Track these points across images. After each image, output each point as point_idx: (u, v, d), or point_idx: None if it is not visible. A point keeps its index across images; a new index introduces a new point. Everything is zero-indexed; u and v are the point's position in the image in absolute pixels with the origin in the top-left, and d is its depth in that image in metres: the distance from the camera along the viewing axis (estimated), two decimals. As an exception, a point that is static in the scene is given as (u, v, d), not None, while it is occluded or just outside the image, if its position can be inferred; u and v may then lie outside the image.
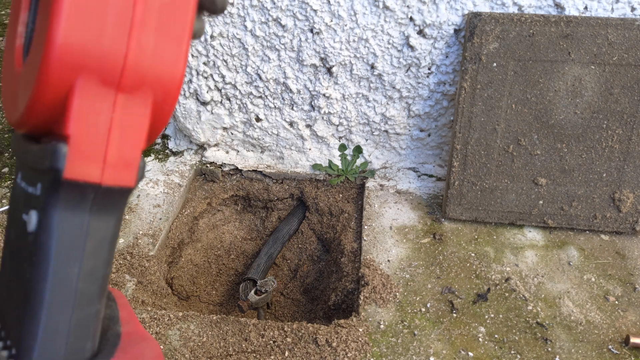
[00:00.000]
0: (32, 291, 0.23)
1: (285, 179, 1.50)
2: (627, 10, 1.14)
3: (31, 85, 0.21)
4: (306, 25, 1.24)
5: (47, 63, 0.20)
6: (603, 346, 1.01)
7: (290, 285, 1.43)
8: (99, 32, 0.20)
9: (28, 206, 0.24)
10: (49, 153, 0.22)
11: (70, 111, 0.21)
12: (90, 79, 0.21)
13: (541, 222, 1.26)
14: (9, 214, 0.25)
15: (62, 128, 0.22)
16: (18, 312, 0.23)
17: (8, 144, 1.64)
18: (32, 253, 0.23)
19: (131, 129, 0.23)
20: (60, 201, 0.23)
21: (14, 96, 0.23)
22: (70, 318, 0.24)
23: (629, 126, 1.17)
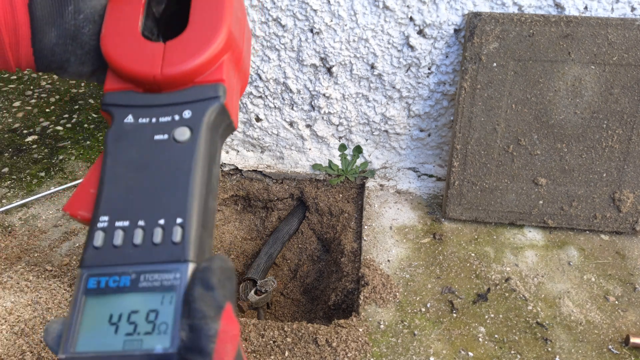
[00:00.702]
0: (193, 178, 0.33)
1: (285, 179, 1.50)
2: (627, 10, 1.14)
3: (203, 50, 0.35)
4: (306, 25, 1.24)
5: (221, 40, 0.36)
6: (603, 346, 1.01)
7: (290, 285, 1.43)
8: (238, 37, 0.38)
9: (165, 128, 0.34)
10: (213, 88, 0.35)
11: (223, 68, 0.36)
12: (230, 56, 0.37)
13: (541, 222, 1.26)
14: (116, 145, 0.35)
15: (219, 76, 0.35)
16: (174, 197, 0.32)
17: (8, 144, 1.64)
18: (187, 154, 0.33)
19: (236, 91, 0.38)
20: (210, 121, 0.35)
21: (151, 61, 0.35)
22: (211, 202, 0.34)
23: (629, 126, 1.17)
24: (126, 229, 0.32)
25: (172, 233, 0.31)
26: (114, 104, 0.36)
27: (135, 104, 0.36)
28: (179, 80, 0.35)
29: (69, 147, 1.63)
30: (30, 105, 1.89)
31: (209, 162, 0.34)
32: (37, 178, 1.48)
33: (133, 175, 0.34)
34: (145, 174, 0.33)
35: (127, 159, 0.34)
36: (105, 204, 0.33)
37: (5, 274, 1.13)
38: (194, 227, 0.31)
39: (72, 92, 2.00)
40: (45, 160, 1.56)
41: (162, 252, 0.31)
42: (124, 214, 0.32)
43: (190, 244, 0.31)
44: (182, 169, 0.33)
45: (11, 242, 1.24)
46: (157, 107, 0.35)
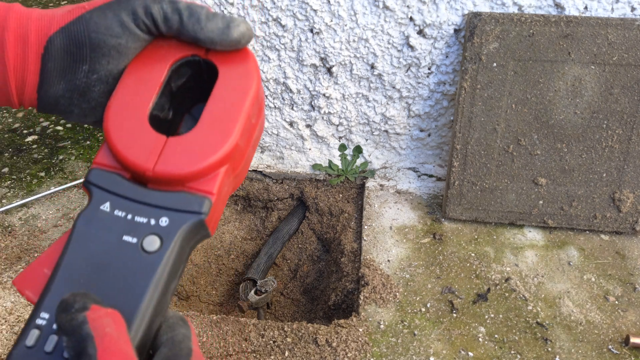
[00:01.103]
0: (147, 293, 0.31)
1: (285, 179, 1.50)
2: (627, 10, 1.14)
3: (199, 160, 0.33)
4: (306, 25, 1.24)
5: (224, 152, 0.34)
6: (603, 346, 1.01)
7: (290, 285, 1.43)
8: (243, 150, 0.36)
9: (137, 231, 0.32)
10: (199, 201, 0.33)
11: (217, 180, 0.34)
12: (229, 166, 0.35)
13: (541, 222, 1.26)
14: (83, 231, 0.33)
15: (210, 188, 0.33)
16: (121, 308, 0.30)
17: (8, 144, 1.64)
18: (150, 267, 0.31)
19: (225, 201, 0.36)
20: (186, 234, 0.32)
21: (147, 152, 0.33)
22: (158, 320, 0.32)
23: (629, 126, 1.17)
24: None
25: None
26: (96, 184, 0.34)
27: (117, 192, 0.34)
28: (169, 181, 0.33)
29: (69, 147, 1.63)
30: (30, 105, 1.89)
31: (169, 279, 0.32)
32: (37, 178, 1.48)
33: (89, 273, 0.31)
34: (101, 275, 0.31)
35: (89, 253, 0.32)
36: (50, 299, 0.30)
37: (5, 274, 1.13)
38: (137, 344, 0.30)
39: (72, 92, 2.00)
40: (45, 160, 1.56)
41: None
42: None
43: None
44: (138, 284, 0.31)
45: (11, 242, 1.24)
46: (137, 204, 0.33)
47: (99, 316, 0.26)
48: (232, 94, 0.35)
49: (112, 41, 0.35)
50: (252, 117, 0.36)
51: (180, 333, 0.32)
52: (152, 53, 0.37)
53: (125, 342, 0.26)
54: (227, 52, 0.36)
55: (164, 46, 0.37)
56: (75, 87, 0.36)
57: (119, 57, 0.35)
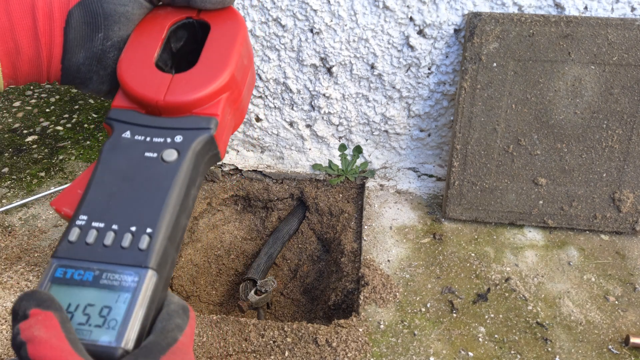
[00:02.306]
0: (170, 195, 0.36)
1: (285, 179, 1.50)
2: (627, 10, 1.14)
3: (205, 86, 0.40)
4: (306, 25, 1.24)
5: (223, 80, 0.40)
6: (603, 346, 1.01)
7: (290, 285, 1.43)
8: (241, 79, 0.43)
9: (156, 148, 0.38)
10: (206, 120, 0.40)
11: (220, 104, 0.40)
12: (229, 95, 0.41)
13: (541, 222, 1.26)
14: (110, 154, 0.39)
15: (214, 111, 0.40)
16: (149, 209, 0.36)
17: (8, 144, 1.64)
18: (171, 173, 0.37)
19: (229, 127, 0.43)
20: (198, 148, 0.39)
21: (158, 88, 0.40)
22: (183, 219, 0.38)
23: (629, 126, 1.17)
24: (100, 230, 0.35)
25: (139, 240, 0.34)
26: (116, 119, 0.40)
27: (135, 122, 0.40)
28: (178, 108, 0.39)
29: (69, 147, 1.63)
30: (30, 105, 1.89)
31: (189, 184, 0.38)
32: (37, 178, 1.48)
33: (118, 183, 0.37)
34: (129, 184, 0.37)
35: (117, 169, 0.38)
36: (87, 204, 0.36)
37: (5, 274, 1.13)
38: (161, 238, 0.35)
39: (72, 92, 2.00)
40: (45, 160, 1.56)
41: (127, 256, 0.34)
42: (102, 216, 0.36)
43: (154, 253, 0.34)
44: (162, 185, 0.36)
45: (11, 242, 1.24)
46: (154, 129, 0.39)
47: (29, 325, 0.28)
48: (224, 38, 0.42)
49: (121, 9, 0.41)
50: (243, 57, 0.42)
51: (173, 323, 0.33)
52: (153, 18, 0.43)
53: (57, 339, 0.28)
54: (216, 11, 0.43)
55: (162, 13, 0.44)
56: (93, 55, 0.41)
57: (127, 23, 0.42)
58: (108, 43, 0.41)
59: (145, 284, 0.33)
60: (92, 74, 0.42)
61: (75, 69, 0.41)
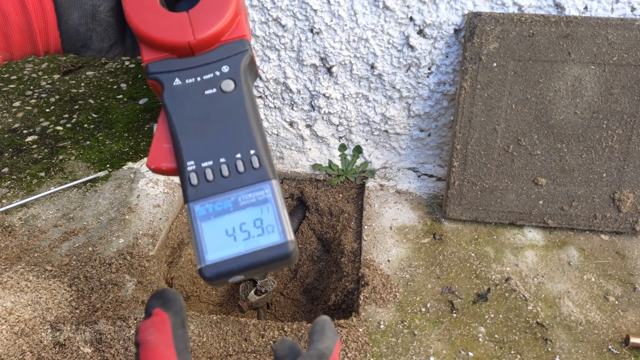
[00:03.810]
0: (248, 117, 0.40)
1: (285, 179, 1.50)
2: (627, 10, 1.14)
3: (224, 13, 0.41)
4: (306, 25, 1.24)
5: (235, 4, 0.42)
6: (603, 346, 1.01)
7: (290, 285, 1.43)
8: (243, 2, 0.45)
9: (211, 83, 0.41)
10: (240, 44, 0.42)
11: (243, 26, 0.43)
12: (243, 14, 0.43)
13: (541, 222, 1.26)
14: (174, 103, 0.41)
15: (242, 33, 0.42)
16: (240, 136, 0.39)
17: (8, 144, 1.64)
18: (237, 101, 0.40)
19: None
20: (245, 70, 0.41)
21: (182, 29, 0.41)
22: (264, 132, 0.41)
23: (629, 126, 1.17)
24: (213, 167, 0.39)
25: (251, 162, 0.39)
26: (159, 71, 0.41)
27: (177, 68, 0.41)
28: (210, 42, 0.41)
29: (69, 147, 1.63)
30: (30, 105, 1.89)
31: (254, 104, 0.41)
32: (37, 178, 1.48)
33: (199, 125, 0.40)
34: (209, 122, 0.40)
35: (189, 114, 0.40)
36: (186, 151, 0.39)
37: (5, 274, 1.13)
38: (264, 154, 0.39)
39: (72, 92, 2.00)
40: (45, 160, 1.56)
41: (249, 177, 0.38)
42: (206, 156, 0.39)
43: (267, 166, 0.39)
44: (238, 113, 0.40)
45: (11, 242, 1.24)
46: (198, 68, 0.41)
47: (147, 326, 0.30)
48: None
49: None
50: None
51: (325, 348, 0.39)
52: None
53: (165, 346, 0.30)
54: None
55: None
56: (86, 12, 0.41)
57: None
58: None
59: (277, 191, 0.38)
60: (91, 33, 0.42)
61: (74, 32, 0.41)
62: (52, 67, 2.22)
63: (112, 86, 2.05)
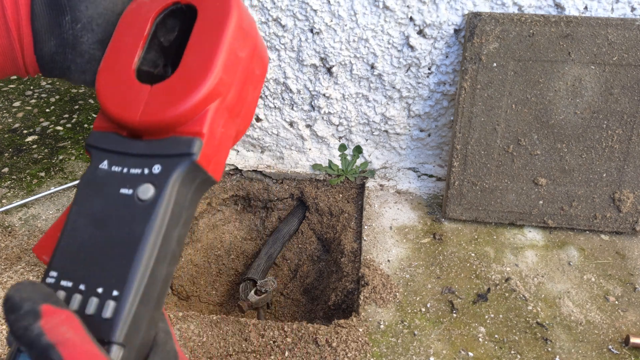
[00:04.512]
0: (144, 243, 0.30)
1: (285, 179, 1.50)
2: (627, 10, 1.14)
3: (182, 100, 0.32)
4: (306, 25, 1.24)
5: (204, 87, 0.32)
6: (603, 346, 1.01)
7: (290, 285, 1.43)
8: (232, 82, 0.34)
9: (132, 182, 0.32)
10: (187, 142, 0.32)
11: (206, 119, 0.32)
12: (220, 103, 0.33)
13: (541, 222, 1.26)
14: (86, 192, 0.33)
15: (199, 128, 0.32)
16: (118, 264, 0.30)
17: (8, 144, 1.64)
18: (145, 215, 0.30)
19: (227, 141, 0.35)
20: (180, 179, 0.31)
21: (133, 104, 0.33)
22: (165, 270, 0.31)
23: (629, 126, 1.17)
24: (68, 291, 0.30)
25: (104, 306, 0.29)
26: (94, 145, 0.34)
27: (113, 149, 0.33)
28: (158, 128, 0.32)
29: (69, 147, 1.63)
30: (30, 105, 1.89)
31: (170, 226, 0.31)
32: (37, 178, 1.48)
33: (91, 230, 0.31)
34: (102, 231, 0.31)
35: (90, 211, 0.32)
36: (57, 258, 0.31)
37: (5, 274, 1.13)
38: (130, 302, 0.29)
39: (72, 92, 2.00)
40: (45, 160, 1.56)
41: (91, 327, 0.28)
42: (71, 273, 0.30)
43: (120, 322, 0.28)
44: (135, 232, 0.30)
45: (11, 242, 1.24)
46: (132, 157, 0.32)
47: (55, 325, 0.26)
48: (210, 29, 0.33)
49: None
50: (237, 49, 0.34)
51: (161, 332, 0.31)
52: (137, 9, 0.36)
53: (88, 343, 0.26)
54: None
55: (147, 1, 0.37)
56: (65, 41, 0.37)
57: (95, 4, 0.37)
58: (78, 26, 0.37)
59: None
60: (69, 63, 0.38)
61: (50, 59, 0.38)
62: (52, 67, 2.22)
63: (112, 86, 2.05)
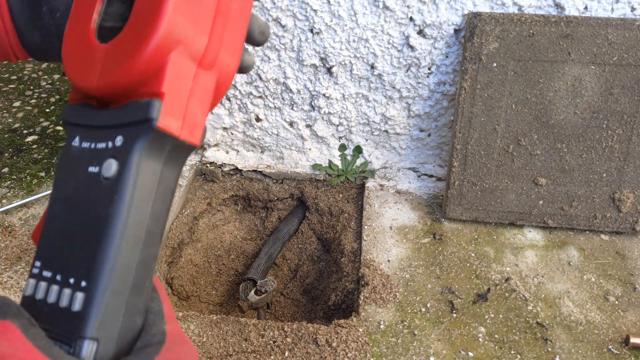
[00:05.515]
0: (109, 227, 0.26)
1: (285, 179, 1.50)
2: (627, 10, 1.14)
3: (133, 54, 0.26)
4: (306, 25, 1.24)
5: (155, 35, 0.26)
6: (603, 346, 1.01)
7: (290, 285, 1.43)
8: (194, 23, 0.28)
9: (99, 158, 0.28)
10: (144, 106, 0.26)
11: (165, 75, 0.27)
12: (182, 53, 0.27)
13: (541, 222, 1.26)
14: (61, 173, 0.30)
15: (157, 87, 0.27)
16: (86, 251, 0.27)
17: (8, 144, 1.64)
18: (110, 195, 0.27)
19: (202, 97, 0.29)
20: (144, 149, 0.27)
21: (90, 67, 0.28)
22: (139, 254, 0.27)
23: (629, 126, 1.17)
24: (48, 282, 0.27)
25: (72, 298, 0.26)
26: (67, 120, 0.30)
27: (82, 122, 0.30)
28: (115, 93, 0.28)
29: (69, 147, 1.63)
30: (30, 105, 1.89)
31: (139, 204, 0.27)
32: (37, 178, 1.48)
33: (66, 215, 0.29)
34: (73, 215, 0.28)
35: (64, 194, 0.29)
36: (40, 246, 0.29)
37: (5, 274, 1.13)
38: (99, 294, 0.26)
39: (72, 92, 2.00)
40: (45, 160, 1.56)
41: (63, 320, 0.26)
42: (51, 262, 0.28)
43: (91, 316, 0.25)
44: (100, 214, 0.27)
45: (11, 242, 1.24)
46: (98, 129, 0.29)
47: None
48: None
49: None
50: None
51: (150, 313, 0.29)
52: None
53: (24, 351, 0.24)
54: None
55: None
56: (49, 31, 0.37)
57: None
58: (57, 15, 0.36)
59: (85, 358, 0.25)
60: (58, 51, 0.37)
61: (38, 49, 0.37)
62: (52, 67, 2.22)
63: (112, 86, 2.05)
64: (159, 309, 0.30)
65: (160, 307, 0.30)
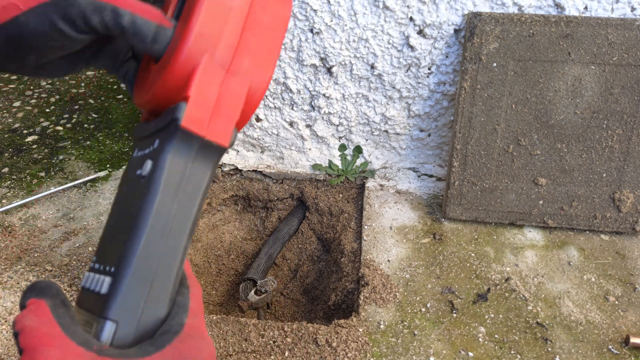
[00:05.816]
0: (138, 219, 0.29)
1: (285, 179, 1.50)
2: (627, 10, 1.14)
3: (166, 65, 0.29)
4: (306, 25, 1.24)
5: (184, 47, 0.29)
6: (603, 346, 1.01)
7: (290, 285, 1.43)
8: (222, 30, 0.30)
9: (143, 161, 0.31)
10: (173, 109, 0.29)
11: (193, 79, 0.29)
12: (209, 61, 0.30)
13: (541, 222, 1.26)
14: (121, 181, 0.34)
15: (185, 92, 0.29)
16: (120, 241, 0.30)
17: (8, 144, 1.64)
18: (143, 191, 0.30)
19: (231, 102, 0.31)
20: (173, 148, 0.29)
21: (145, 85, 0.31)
22: (164, 245, 0.30)
23: (629, 126, 1.17)
24: (95, 272, 0.31)
25: (102, 284, 0.29)
26: (133, 136, 0.35)
27: (139, 135, 0.34)
28: (158, 104, 0.31)
29: (69, 147, 1.63)
30: (30, 105, 1.89)
31: (164, 198, 0.30)
32: (37, 178, 1.48)
33: (115, 214, 0.32)
34: (120, 213, 0.32)
35: (118, 198, 0.33)
36: (99, 244, 0.33)
37: (6, 274, 1.13)
38: (122, 278, 0.28)
39: (72, 92, 2.00)
40: (45, 160, 1.56)
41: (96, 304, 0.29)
42: (101, 256, 0.32)
43: (112, 298, 0.28)
44: (135, 208, 0.30)
45: (11, 242, 1.24)
46: (147, 138, 0.32)
47: (22, 315, 0.28)
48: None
49: (53, 43, 0.33)
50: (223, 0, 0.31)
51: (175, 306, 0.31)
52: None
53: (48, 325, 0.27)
54: None
55: None
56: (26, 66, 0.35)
57: (64, 49, 0.33)
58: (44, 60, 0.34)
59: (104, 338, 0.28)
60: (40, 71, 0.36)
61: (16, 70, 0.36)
62: (52, 67, 2.22)
63: (112, 86, 2.05)
64: (184, 303, 0.31)
65: (186, 302, 0.32)
